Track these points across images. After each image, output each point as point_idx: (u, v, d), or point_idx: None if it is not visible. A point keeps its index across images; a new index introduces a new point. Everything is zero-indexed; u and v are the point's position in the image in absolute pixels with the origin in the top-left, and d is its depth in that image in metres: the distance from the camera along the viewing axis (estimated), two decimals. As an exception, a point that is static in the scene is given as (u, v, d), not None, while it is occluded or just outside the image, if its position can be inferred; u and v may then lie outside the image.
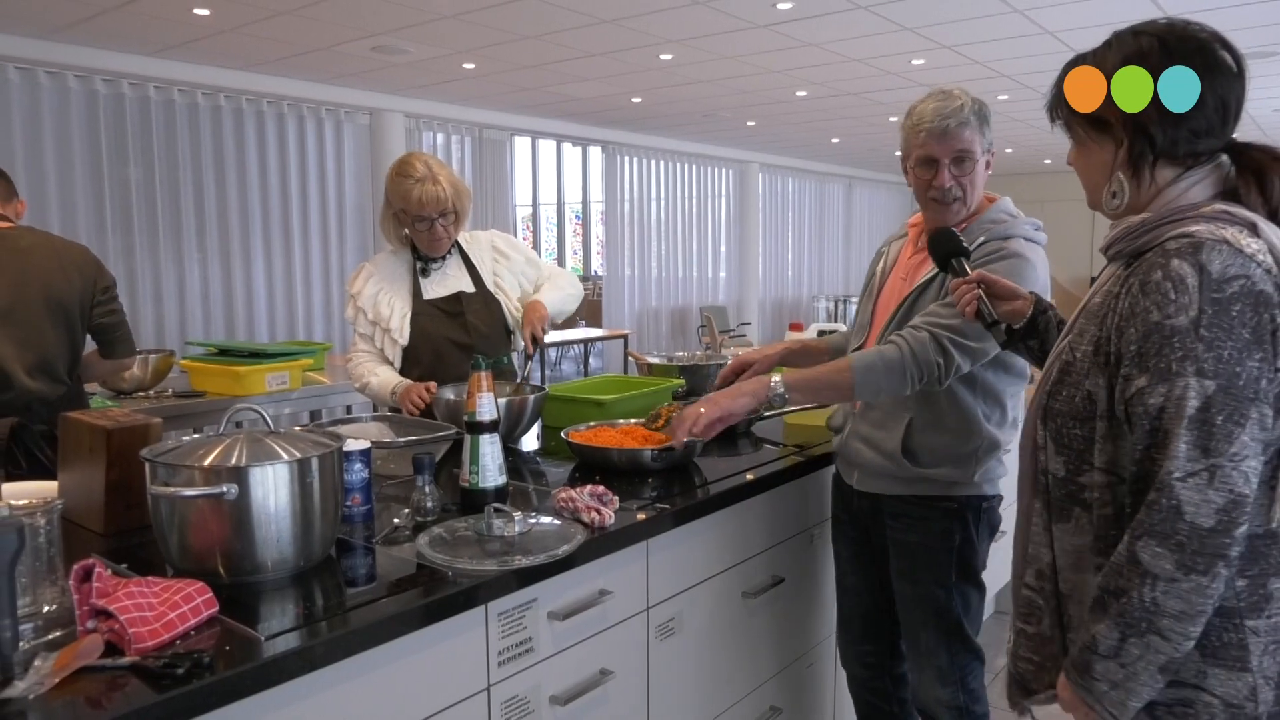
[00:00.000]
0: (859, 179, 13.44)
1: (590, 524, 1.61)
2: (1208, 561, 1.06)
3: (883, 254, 2.08)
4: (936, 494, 1.90)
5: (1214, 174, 1.21)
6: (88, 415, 1.64)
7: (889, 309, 1.94)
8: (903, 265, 1.99)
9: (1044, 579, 1.28)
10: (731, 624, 1.99)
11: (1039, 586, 1.28)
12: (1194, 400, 1.07)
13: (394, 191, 2.45)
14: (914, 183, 1.90)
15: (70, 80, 5.54)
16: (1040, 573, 1.28)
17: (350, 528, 1.62)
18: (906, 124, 1.88)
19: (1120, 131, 1.21)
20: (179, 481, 1.31)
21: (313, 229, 6.92)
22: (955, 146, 1.80)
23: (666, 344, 10.32)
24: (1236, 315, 1.08)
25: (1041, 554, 1.28)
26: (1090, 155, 1.27)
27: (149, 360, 3.29)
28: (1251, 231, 1.13)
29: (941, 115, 1.79)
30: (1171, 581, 1.07)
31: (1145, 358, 1.11)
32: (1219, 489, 1.06)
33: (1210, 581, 1.06)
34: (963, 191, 1.84)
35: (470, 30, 5.22)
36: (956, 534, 1.90)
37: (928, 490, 1.90)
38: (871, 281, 2.05)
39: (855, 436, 1.97)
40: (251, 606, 1.29)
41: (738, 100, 7.57)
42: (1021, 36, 5.39)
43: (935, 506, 1.90)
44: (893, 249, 2.06)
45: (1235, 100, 1.19)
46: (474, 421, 1.71)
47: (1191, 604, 1.07)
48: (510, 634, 1.46)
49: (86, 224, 5.67)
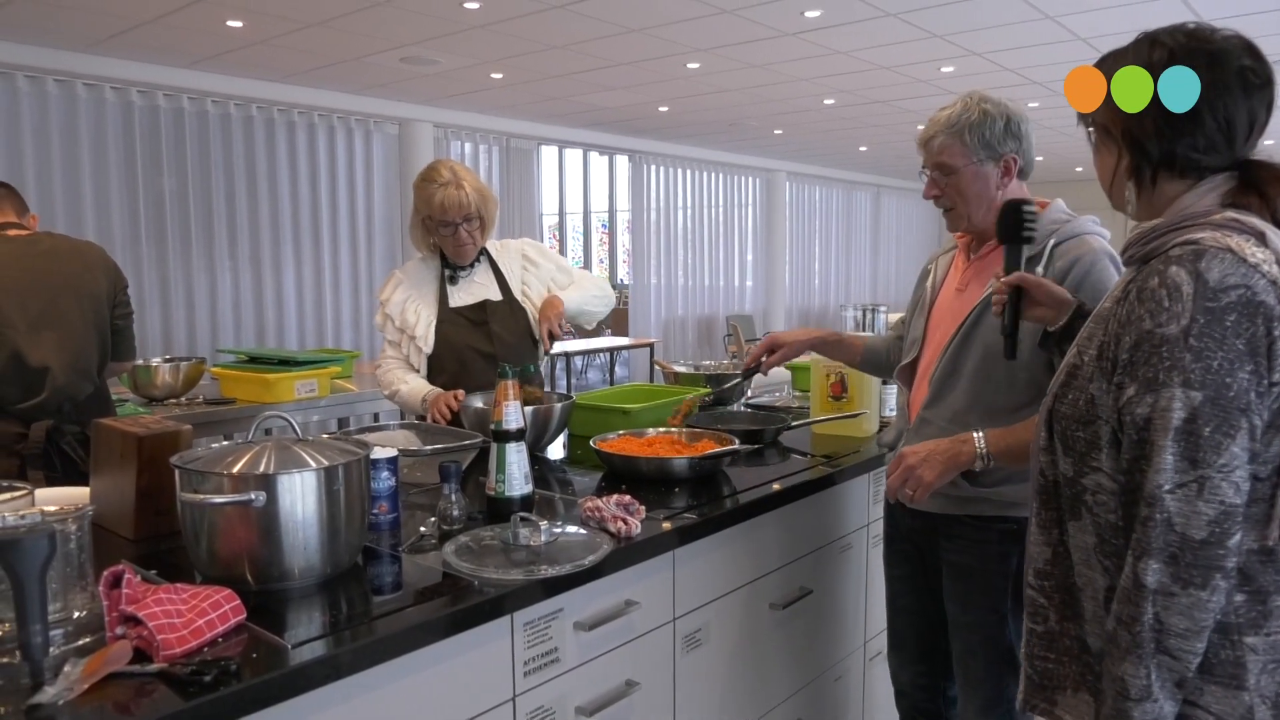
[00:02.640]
0: (887, 187, 13.36)
1: (617, 534, 1.59)
2: (1204, 574, 1.05)
3: (929, 270, 2.02)
4: (994, 514, 1.81)
5: (1229, 183, 1.19)
6: (119, 422, 1.65)
7: (945, 325, 1.88)
8: (956, 276, 1.93)
9: (1043, 577, 1.28)
10: (758, 636, 1.97)
11: (1039, 585, 1.28)
12: (1179, 412, 1.06)
13: (420, 197, 2.46)
14: None
15: (107, 92, 5.65)
16: (1039, 571, 1.29)
17: (377, 535, 1.62)
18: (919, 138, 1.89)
19: (1119, 140, 1.22)
20: (208, 488, 1.32)
21: (342, 238, 6.99)
22: (933, 158, 1.81)
23: (693, 353, 10.30)
24: (1231, 325, 1.06)
25: (1040, 553, 1.28)
26: (1101, 159, 1.28)
27: (180, 367, 3.33)
28: (1259, 240, 1.11)
29: (923, 130, 1.82)
30: (1170, 596, 1.06)
31: (1135, 366, 1.11)
32: (1209, 500, 1.05)
33: (1209, 595, 1.06)
34: (952, 202, 1.81)
35: (498, 41, 5.25)
36: (1014, 556, 1.80)
37: (986, 510, 1.81)
38: (922, 297, 1.99)
39: None
40: (279, 614, 1.29)
41: (765, 109, 7.55)
42: (1053, 43, 5.33)
43: (993, 528, 1.81)
44: (940, 263, 2.00)
45: (1247, 116, 1.17)
46: (500, 430, 1.71)
47: (1194, 619, 1.06)
48: (536, 644, 1.45)
49: (121, 233, 5.77)
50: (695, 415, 2.43)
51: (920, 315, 1.97)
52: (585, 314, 2.57)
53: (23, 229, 2.46)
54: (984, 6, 4.68)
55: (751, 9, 4.68)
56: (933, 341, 1.90)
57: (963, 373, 1.79)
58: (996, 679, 1.86)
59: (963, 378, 1.79)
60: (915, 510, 1.90)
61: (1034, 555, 1.29)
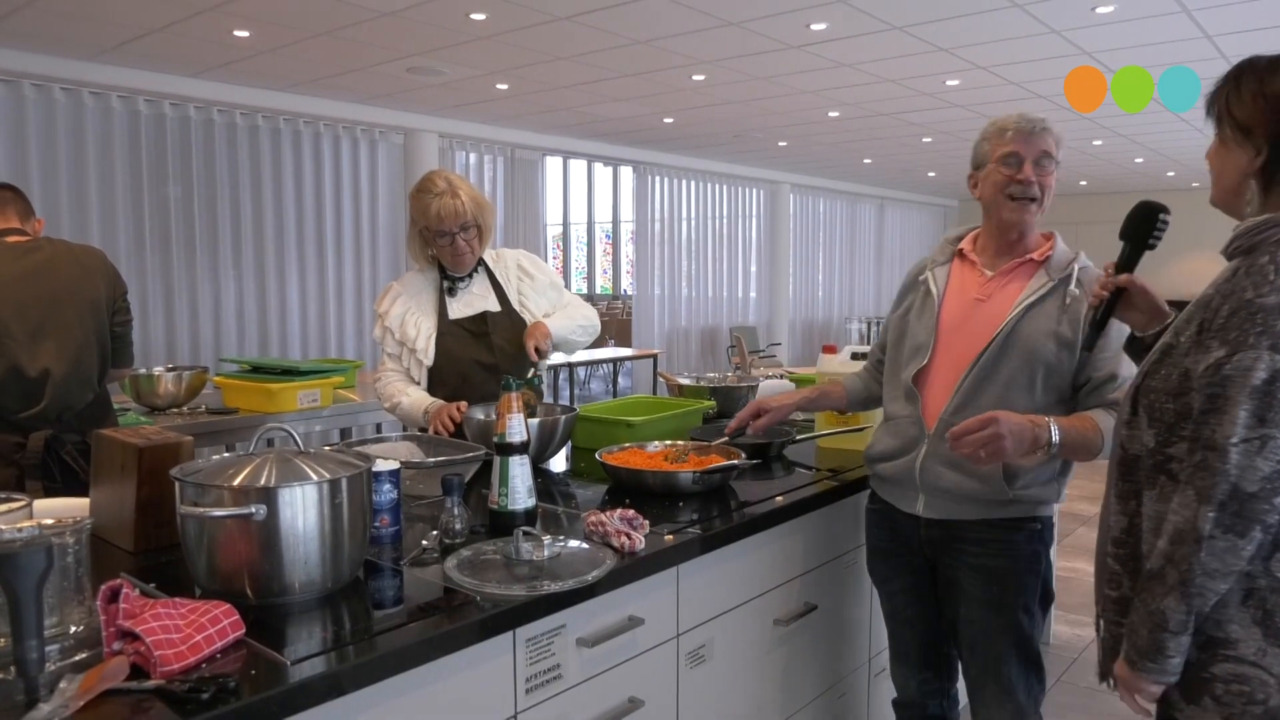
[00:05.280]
0: (891, 199, 13.37)
1: (620, 549, 1.58)
2: (1245, 524, 1.14)
3: (927, 278, 1.99)
4: (1024, 515, 1.85)
5: None
6: (120, 432, 1.64)
7: (967, 333, 1.87)
8: (971, 287, 1.92)
9: (1120, 545, 1.34)
10: (763, 652, 1.95)
11: (1115, 553, 1.35)
12: (1261, 372, 1.14)
13: (416, 208, 2.44)
14: (992, 183, 1.87)
15: (114, 101, 5.66)
16: (1116, 539, 1.35)
17: (378, 549, 1.60)
18: (988, 130, 1.90)
19: (1261, 141, 1.25)
20: (208, 501, 1.31)
21: (346, 248, 6.99)
22: (1040, 146, 1.83)
23: (696, 364, 10.29)
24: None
25: (1117, 522, 1.34)
26: (1228, 156, 1.31)
27: (182, 376, 3.32)
28: None
29: (1027, 119, 1.85)
30: (1210, 539, 1.15)
31: (1227, 330, 1.18)
32: (1267, 458, 1.13)
33: (1246, 544, 1.15)
34: (1040, 193, 1.84)
35: (503, 51, 5.26)
36: (1043, 555, 1.89)
37: (1017, 512, 1.85)
38: (924, 303, 1.97)
39: (936, 460, 1.86)
40: (278, 629, 1.27)
41: (769, 121, 7.56)
42: (1059, 57, 5.32)
43: (1023, 529, 1.85)
44: (938, 275, 1.98)
45: None
46: (504, 443, 1.70)
47: (1225, 563, 1.16)
48: (538, 660, 1.43)
49: (126, 241, 5.77)
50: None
51: (924, 322, 1.95)
52: (570, 342, 2.55)
53: (24, 235, 2.45)
54: (989, 20, 4.68)
55: (757, 21, 4.69)
56: (950, 349, 1.90)
57: (998, 378, 1.82)
58: (1025, 681, 1.88)
59: (997, 383, 1.82)
60: (932, 519, 1.91)
61: (1111, 525, 1.36)
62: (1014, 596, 1.86)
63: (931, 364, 1.91)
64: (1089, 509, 5.42)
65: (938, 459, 1.87)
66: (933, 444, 1.88)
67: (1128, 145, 8.69)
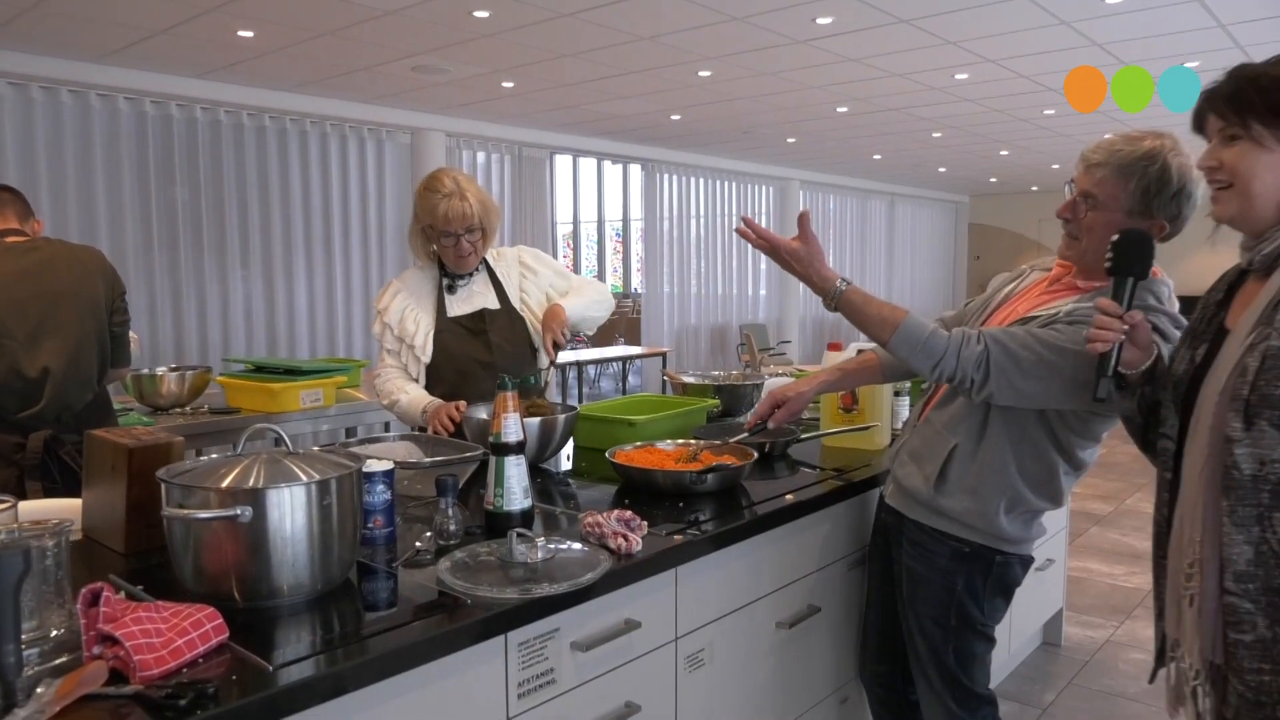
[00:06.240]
0: (902, 195, 13.29)
1: (617, 550, 1.55)
2: None
3: (1020, 275, 1.94)
4: (951, 532, 1.81)
5: None
6: (111, 433, 1.62)
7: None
8: (1030, 296, 1.85)
9: (1248, 580, 1.17)
10: (764, 655, 1.91)
11: (1241, 590, 1.18)
12: None
13: (422, 206, 2.43)
14: None
15: (120, 102, 5.67)
16: (1240, 574, 1.18)
17: (372, 550, 1.58)
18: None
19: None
20: (193, 503, 1.29)
21: (354, 247, 6.99)
22: (1081, 184, 1.69)
23: (705, 362, 10.24)
24: None
25: (1240, 554, 1.18)
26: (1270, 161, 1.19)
27: (185, 376, 3.31)
28: None
29: (1091, 148, 1.69)
30: None
31: None
32: None
33: None
34: (1079, 231, 1.70)
35: (508, 49, 5.24)
36: (959, 578, 1.82)
37: (944, 526, 1.82)
38: (993, 297, 1.93)
39: (906, 449, 1.92)
40: (266, 632, 1.25)
41: (777, 117, 7.51)
42: (1069, 49, 5.26)
43: (945, 543, 1.82)
44: (1030, 277, 1.92)
45: None
46: (499, 443, 1.67)
47: None
48: (531, 665, 1.40)
49: (134, 242, 5.78)
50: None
51: (980, 314, 1.91)
52: (588, 320, 2.53)
53: (22, 235, 2.44)
54: (997, 12, 4.63)
55: (761, 16, 4.65)
56: None
57: None
58: (951, 693, 1.86)
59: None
60: (890, 506, 1.94)
61: (1232, 558, 1.18)
62: (924, 604, 1.86)
63: None
64: (1102, 508, 5.36)
65: (907, 449, 1.91)
66: (910, 434, 1.94)
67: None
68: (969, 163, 10.55)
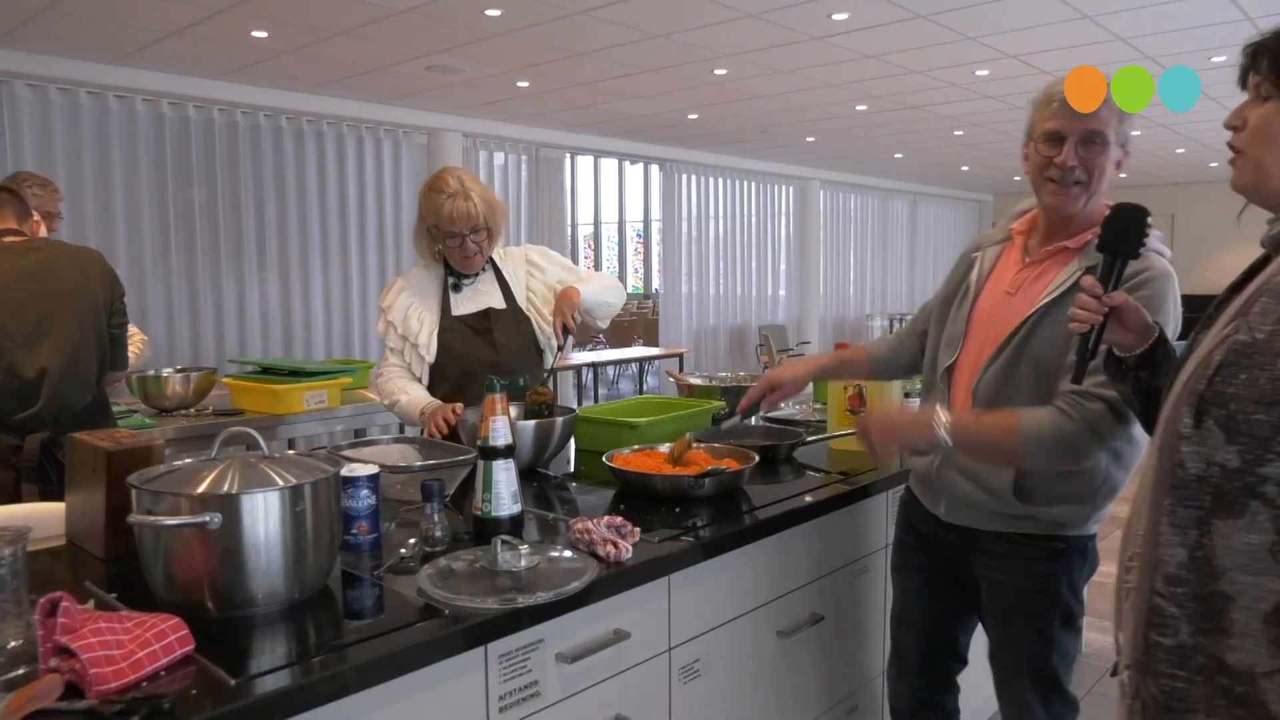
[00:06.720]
0: (924, 195, 13.13)
1: (606, 558, 1.50)
2: None
3: (976, 260, 1.84)
4: (1043, 533, 1.70)
5: None
6: (93, 436, 1.59)
7: (989, 330, 1.73)
8: (1007, 276, 1.76)
9: (1176, 583, 1.10)
10: (764, 666, 1.86)
11: (1169, 592, 1.11)
12: None
13: (426, 206, 2.41)
14: (1032, 163, 1.70)
15: (138, 104, 5.69)
16: (1171, 577, 1.10)
17: (356, 557, 1.54)
18: (1039, 96, 1.68)
19: None
20: (163, 509, 1.25)
21: (370, 248, 6.99)
22: (1087, 125, 1.60)
23: (725, 363, 10.17)
24: None
25: (1172, 555, 1.10)
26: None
27: (190, 378, 3.30)
28: None
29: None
30: None
31: None
32: None
33: None
34: (1088, 175, 1.63)
35: (521, 48, 5.20)
36: (1063, 577, 1.72)
37: (1034, 529, 1.70)
38: (964, 290, 1.82)
39: (951, 467, 1.77)
40: (238, 643, 1.22)
41: (795, 115, 7.43)
42: (1092, 44, 5.15)
43: (1041, 546, 1.71)
44: (988, 254, 1.82)
45: None
46: (487, 446, 1.63)
47: None
48: (513, 677, 1.36)
49: (152, 243, 5.81)
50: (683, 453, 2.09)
51: (961, 310, 1.80)
52: (601, 305, 2.49)
53: (20, 235, 2.43)
54: (1018, 7, 4.53)
55: (776, 12, 4.58)
56: (974, 345, 1.75)
57: (1014, 385, 1.66)
58: (1043, 704, 1.77)
59: (1016, 390, 1.65)
60: (951, 524, 1.80)
61: (1164, 559, 1.12)
62: (1024, 617, 1.74)
63: (959, 361, 1.77)
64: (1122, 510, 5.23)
65: (951, 465, 1.77)
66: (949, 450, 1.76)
67: (1168, 135, 8.42)
68: (992, 161, 10.39)
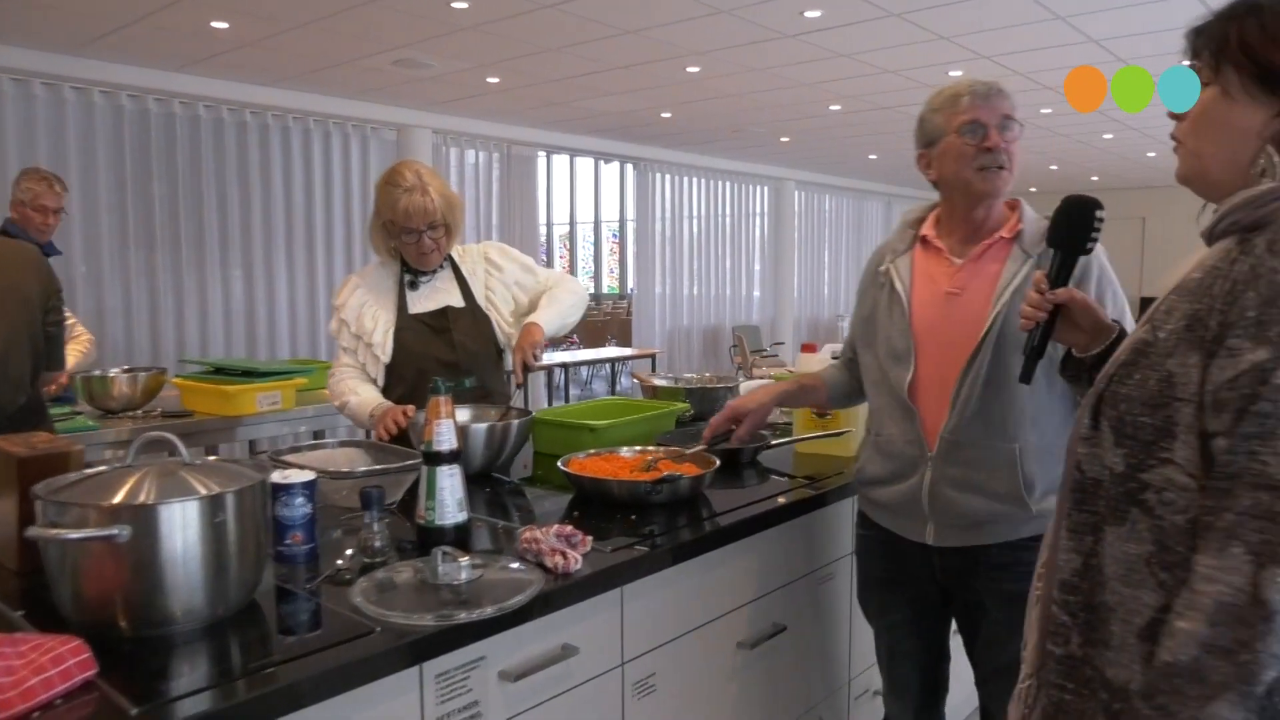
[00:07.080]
0: (898, 196, 13.15)
1: (554, 569, 1.42)
2: None
3: (889, 272, 1.80)
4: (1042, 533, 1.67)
5: None
6: (7, 440, 1.50)
7: (949, 330, 1.68)
8: (940, 279, 1.72)
9: (1069, 590, 1.05)
10: (723, 679, 1.79)
11: (1063, 600, 1.06)
12: None
13: (382, 201, 2.32)
14: (954, 158, 1.67)
15: (96, 96, 5.53)
16: (1065, 584, 1.06)
17: (291, 569, 1.46)
18: (937, 100, 1.72)
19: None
20: (68, 521, 1.16)
21: (337, 247, 6.85)
22: (1000, 110, 1.67)
23: (698, 364, 10.11)
24: None
25: (1068, 562, 1.06)
26: (1234, 114, 1.02)
27: (138, 378, 3.18)
28: None
29: (981, 82, 1.70)
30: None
31: (1267, 326, 0.90)
32: None
33: None
34: (1009, 159, 1.67)
35: (490, 42, 5.11)
36: None
37: (1039, 529, 1.64)
38: (891, 302, 1.77)
39: (945, 483, 1.68)
40: (151, 665, 1.13)
41: (769, 115, 7.38)
42: (1065, 45, 5.13)
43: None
44: (901, 264, 1.79)
45: None
46: (431, 451, 1.55)
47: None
48: (451, 698, 1.28)
49: (110, 240, 5.65)
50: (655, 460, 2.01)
51: (896, 324, 1.75)
52: (565, 327, 2.43)
53: None
54: (992, 7, 4.50)
55: (748, 9, 4.52)
56: (932, 355, 1.70)
57: (1000, 382, 1.61)
58: None
59: (1003, 388, 1.61)
60: (948, 548, 1.71)
61: (1060, 565, 1.07)
62: None
63: (918, 374, 1.71)
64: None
65: (946, 483, 1.67)
66: (938, 466, 1.68)
67: (1139, 140, 8.46)
68: (966, 163, 10.41)
